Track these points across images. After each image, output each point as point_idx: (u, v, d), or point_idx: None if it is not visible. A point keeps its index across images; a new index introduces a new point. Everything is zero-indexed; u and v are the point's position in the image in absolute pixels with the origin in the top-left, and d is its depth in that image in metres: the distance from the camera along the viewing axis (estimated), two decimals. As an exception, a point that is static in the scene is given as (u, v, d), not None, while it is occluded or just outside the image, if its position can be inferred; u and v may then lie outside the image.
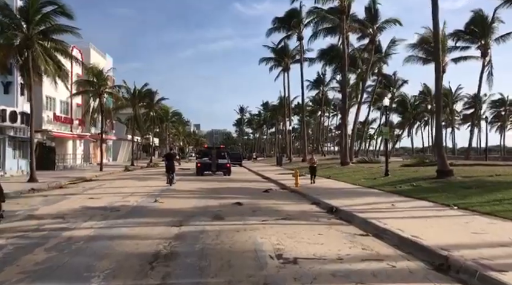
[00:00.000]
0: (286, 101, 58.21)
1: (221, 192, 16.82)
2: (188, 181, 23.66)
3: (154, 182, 22.91)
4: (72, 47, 41.57)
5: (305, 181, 20.63)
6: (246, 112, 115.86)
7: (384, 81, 53.96)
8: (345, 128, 32.36)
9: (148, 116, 60.07)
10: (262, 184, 21.96)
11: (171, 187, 19.33)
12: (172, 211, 11.45)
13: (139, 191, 16.87)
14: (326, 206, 12.35)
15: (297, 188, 18.06)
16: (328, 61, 49.30)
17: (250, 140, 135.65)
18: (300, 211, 11.63)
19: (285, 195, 16.20)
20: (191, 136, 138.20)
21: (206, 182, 23.08)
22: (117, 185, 20.38)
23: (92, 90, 33.69)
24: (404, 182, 17.75)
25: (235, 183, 22.43)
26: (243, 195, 15.87)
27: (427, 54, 34.17)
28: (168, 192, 17.04)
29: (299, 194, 16.48)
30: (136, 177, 26.89)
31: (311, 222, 9.80)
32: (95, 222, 9.39)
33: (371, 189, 17.18)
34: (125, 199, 14.08)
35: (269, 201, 13.76)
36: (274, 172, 31.13)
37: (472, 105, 75.06)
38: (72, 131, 40.44)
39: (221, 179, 25.34)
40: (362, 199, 13.57)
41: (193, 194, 16.53)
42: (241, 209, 11.84)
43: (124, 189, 18.15)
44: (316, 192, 15.81)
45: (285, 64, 51.35)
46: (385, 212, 10.58)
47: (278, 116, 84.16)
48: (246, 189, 18.60)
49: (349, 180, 21.54)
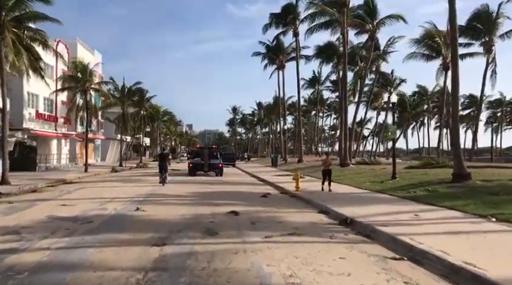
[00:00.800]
0: (281, 101, 56.49)
1: (214, 198, 14.98)
2: (178, 183, 21.77)
3: (141, 184, 20.99)
4: (58, 41, 39.52)
5: (306, 184, 18.85)
6: (238, 111, 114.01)
7: (381, 80, 52.50)
8: (344, 126, 30.67)
9: (139, 115, 58.02)
10: (258, 187, 20.14)
11: (158, 191, 17.45)
12: (156, 222, 9.59)
13: (122, 196, 14.96)
14: (337, 216, 10.58)
15: (298, 193, 16.28)
16: (325, 58, 47.85)
17: (243, 141, 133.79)
18: (308, 223, 9.84)
19: (286, 201, 14.40)
20: (183, 136, 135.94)
21: (198, 184, 21.21)
22: (99, 189, 18.42)
23: (76, 86, 31.56)
24: (417, 186, 16.06)
25: (229, 186, 20.59)
26: (238, 201, 14.04)
27: (431, 50, 32.62)
28: (154, 197, 15.15)
29: (301, 199, 14.69)
30: (122, 179, 24.92)
31: (325, 239, 7.99)
32: (55, 240, 7.50)
33: (381, 194, 15.46)
34: (103, 206, 12.18)
35: (269, 209, 11.95)
36: (270, 174, 29.34)
37: (468, 105, 74.25)
38: (57, 130, 38.30)
39: (214, 181, 23.49)
40: (376, 207, 11.82)
41: (182, 199, 14.66)
42: (238, 220, 10.01)
43: (105, 193, 16.22)
44: (321, 198, 14.05)
45: (279, 62, 49.61)
46: (412, 225, 8.82)
47: (272, 115, 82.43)
48: (241, 194, 16.78)
49: (353, 183, 19.82)
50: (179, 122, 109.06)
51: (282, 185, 20.03)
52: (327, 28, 33.44)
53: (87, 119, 31.71)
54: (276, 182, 22.14)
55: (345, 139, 29.84)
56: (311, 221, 10.06)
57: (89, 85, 31.62)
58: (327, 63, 48.31)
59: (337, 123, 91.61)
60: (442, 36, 30.83)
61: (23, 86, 31.27)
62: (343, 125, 30.93)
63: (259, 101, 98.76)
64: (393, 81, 52.46)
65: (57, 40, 39.18)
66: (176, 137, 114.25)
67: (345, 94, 31.41)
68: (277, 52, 49.03)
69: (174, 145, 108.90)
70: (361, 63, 40.99)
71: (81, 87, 31.43)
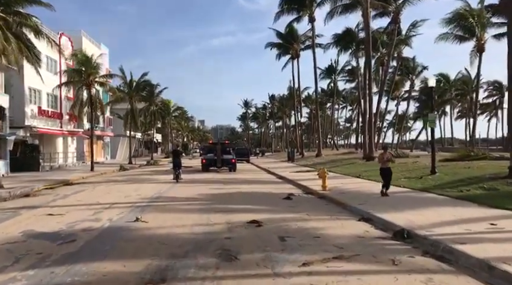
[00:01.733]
0: (296, 92, 54.06)
1: (229, 201, 12.83)
2: (189, 183, 19.68)
3: (148, 185, 18.95)
4: (60, 34, 37.72)
5: (332, 182, 16.56)
6: (251, 105, 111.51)
7: (401, 68, 49.58)
8: (369, 116, 28.18)
9: (149, 111, 56.26)
10: (278, 186, 17.92)
11: (166, 193, 15.37)
12: (157, 239, 7.46)
13: (123, 201, 12.90)
14: (386, 226, 8.35)
15: (326, 193, 14.02)
16: (343, 46, 45.26)
17: (255, 135, 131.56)
18: (352, 237, 7.60)
19: (315, 205, 12.15)
20: (195, 132, 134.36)
21: (210, 184, 19.10)
22: (100, 191, 16.42)
23: (79, 80, 29.63)
24: (467, 183, 13.69)
25: (245, 185, 18.41)
26: (258, 205, 11.88)
27: (464, 31, 29.71)
28: (160, 201, 13.05)
29: (332, 201, 12.42)
30: (128, 179, 22.94)
31: (387, 266, 5.74)
32: (13, 274, 5.41)
33: (426, 193, 13.12)
34: (97, 216, 10.11)
35: (298, 217, 9.73)
36: (288, 170, 27.06)
37: (492, 93, 70.69)
38: (62, 128, 36.58)
39: (228, 180, 21.34)
40: (431, 211, 9.54)
41: (192, 203, 12.52)
42: (261, 234, 7.82)
43: (105, 196, 14.20)
44: (357, 200, 11.79)
45: (294, 51, 47.08)
46: (497, 242, 6.52)
47: (286, 108, 79.98)
48: (260, 195, 14.59)
49: (387, 179, 17.42)
50: (191, 117, 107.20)
51: (305, 183, 17.79)
52: (348, 11, 30.84)
53: (91, 114, 29.83)
54: (297, 179, 19.88)
55: (370, 130, 27.38)
56: (356, 235, 7.81)
57: (93, 78, 29.65)
58: (345, 51, 45.69)
59: (353, 115, 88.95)
60: (476, 15, 27.99)
61: (23, 81, 29.53)
62: (368, 115, 28.44)
63: (272, 93, 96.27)
64: (416, 69, 49.44)
65: (59, 33, 37.48)
66: (188, 133, 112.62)
67: (369, 80, 28.84)
68: (291, 40, 46.48)
69: (186, 141, 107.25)
70: (382, 49, 38.35)
71: (84, 81, 29.45)
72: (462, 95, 63.82)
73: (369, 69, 28.39)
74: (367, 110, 29.47)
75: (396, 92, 53.07)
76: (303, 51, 49.00)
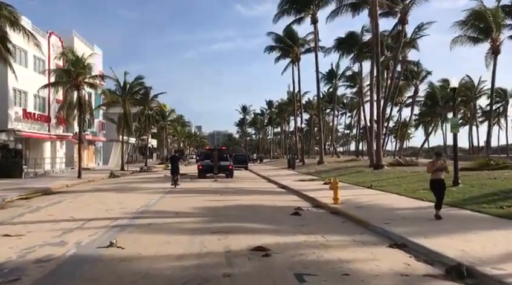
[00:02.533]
0: (296, 96, 52.34)
1: (227, 216, 10.92)
2: (182, 193, 17.74)
3: (136, 195, 16.97)
4: (50, 33, 35.85)
5: (343, 193, 14.64)
6: (249, 111, 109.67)
7: (405, 73, 47.94)
8: (378, 121, 26.35)
9: (143, 115, 54.32)
10: (282, 198, 15.99)
11: (154, 206, 13.43)
12: (130, 279, 5.52)
13: (102, 216, 10.94)
14: (431, 256, 6.48)
15: (339, 207, 12.10)
16: (346, 50, 43.72)
17: (253, 141, 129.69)
18: (394, 276, 5.68)
19: (329, 223, 10.23)
20: (192, 138, 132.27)
21: (205, 194, 17.17)
22: (79, 203, 14.43)
23: (67, 80, 27.68)
24: (504, 198, 11.82)
25: (245, 196, 16.49)
26: (262, 223, 9.97)
27: (479, 31, 27.97)
28: (145, 216, 11.10)
29: (350, 219, 10.50)
30: (116, 188, 20.92)
31: None
32: None
33: (459, 209, 11.21)
34: (63, 238, 8.15)
35: (313, 242, 7.80)
36: (290, 179, 25.13)
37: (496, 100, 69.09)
38: (50, 131, 34.59)
39: (226, 189, 19.42)
40: (480, 235, 7.66)
41: (183, 220, 10.54)
42: (271, 271, 5.90)
43: (82, 211, 12.23)
44: (378, 217, 9.89)
45: (294, 55, 45.34)
46: None
47: (285, 114, 78.24)
48: (263, 209, 12.66)
49: (404, 191, 15.56)
50: (187, 122, 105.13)
51: (312, 194, 15.88)
52: (354, 10, 29.16)
53: (80, 118, 27.83)
54: (302, 189, 17.95)
55: (378, 136, 25.54)
56: (396, 272, 5.89)
57: (82, 79, 27.72)
58: (347, 55, 44.11)
59: (353, 121, 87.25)
60: (492, 15, 26.31)
61: (7, 81, 27.56)
62: (376, 120, 26.68)
63: (269, 99, 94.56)
64: (419, 73, 47.81)
65: (48, 32, 35.63)
66: (184, 139, 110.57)
67: (377, 83, 27.03)
68: (291, 43, 44.76)
69: (182, 147, 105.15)
70: (387, 52, 36.72)
71: (73, 82, 27.51)
72: (466, 102, 62.35)
73: (377, 71, 26.62)
74: (373, 115, 27.76)
75: (399, 98, 51.40)
76: (303, 54, 47.34)
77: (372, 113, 28.37)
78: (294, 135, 62.73)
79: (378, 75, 27.25)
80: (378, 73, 28.04)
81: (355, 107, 77.43)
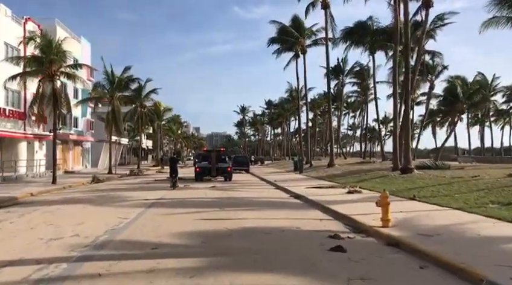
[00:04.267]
0: (300, 92, 48.52)
1: (230, 250, 7.00)
2: (168, 208, 13.73)
3: (109, 210, 12.94)
4: (26, 19, 31.80)
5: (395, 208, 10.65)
6: (248, 111, 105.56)
7: (420, 68, 43.94)
8: (406, 117, 22.37)
9: (136, 113, 50.32)
10: (301, 214, 11.94)
11: (130, 227, 9.42)
12: None
13: (33, 254, 6.94)
14: None
15: (396, 235, 8.09)
16: (355, 42, 39.80)
17: (252, 143, 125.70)
18: None
19: (402, 271, 6.19)
20: (190, 139, 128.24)
21: (199, 208, 13.17)
22: (20, 225, 10.32)
23: (38, 69, 23.63)
24: None
25: (253, 211, 12.52)
26: (285, 267, 6.00)
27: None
28: (101, 257, 7.07)
29: (428, 259, 6.51)
30: (91, 198, 16.88)
31: None
32: None
33: None
34: None
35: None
36: (302, 185, 21.12)
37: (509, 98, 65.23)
38: (26, 130, 30.54)
39: (226, 200, 15.44)
40: None
41: (160, 268, 6.49)
42: None
43: (12, 241, 8.25)
44: (482, 257, 5.95)
45: (300, 47, 41.34)
46: None
47: (287, 113, 74.31)
48: (281, 236, 8.64)
49: (466, 206, 11.53)
50: (184, 122, 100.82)
51: (340, 208, 11.92)
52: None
53: (54, 113, 23.77)
54: (324, 200, 13.95)
55: (406, 134, 21.59)
56: None
57: (57, 68, 23.67)
58: (356, 47, 40.17)
59: (357, 121, 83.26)
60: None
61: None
62: (403, 115, 22.84)
63: (269, 99, 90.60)
64: (435, 68, 43.87)
65: (25, 17, 31.62)
66: (182, 140, 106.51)
67: (407, 69, 23.12)
68: (297, 34, 40.80)
69: (179, 148, 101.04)
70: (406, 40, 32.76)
71: (46, 71, 23.47)
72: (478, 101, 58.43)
73: (406, 57, 22.71)
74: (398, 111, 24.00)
75: (413, 95, 47.40)
76: (309, 47, 43.32)
77: (397, 110, 24.62)
78: (298, 135, 58.75)
79: (408, 66, 23.38)
80: (407, 63, 24.44)
81: (357, 107, 73.51)
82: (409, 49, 26.48)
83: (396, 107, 25.15)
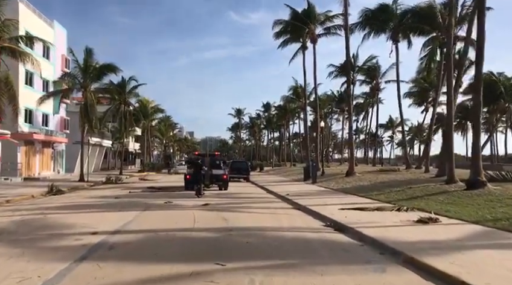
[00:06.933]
0: (305, 89, 42.80)
1: None
2: (118, 262, 7.66)
3: (48, 246, 6.82)
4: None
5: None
6: (243, 114, 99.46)
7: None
8: (477, 114, 16.47)
9: (118, 112, 44.27)
10: (373, 281, 5.91)
11: None
12: None
13: None
14: None
15: None
16: (376, 29, 34.27)
17: (247, 147, 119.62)
18: None
19: None
20: (183, 142, 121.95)
21: (178, 260, 7.02)
22: None
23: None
24: None
25: (277, 265, 6.42)
26: None
27: None
28: None
29: None
30: (31, 221, 10.79)
31: None
32: None
33: None
34: None
35: None
36: (330, 203, 15.02)
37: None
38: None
39: (227, 239, 9.36)
40: None
41: None
42: None
43: None
44: None
45: (311, 34, 35.66)
46: None
47: (289, 114, 68.42)
48: None
49: None
50: (176, 124, 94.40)
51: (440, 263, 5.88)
52: None
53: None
54: (402, 242, 7.88)
55: (478, 137, 15.67)
56: None
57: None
58: (377, 34, 34.61)
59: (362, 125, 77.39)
60: None
61: None
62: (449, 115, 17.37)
63: (267, 101, 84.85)
64: (463, 63, 38.20)
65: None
66: (173, 143, 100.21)
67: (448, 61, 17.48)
68: (307, 20, 35.11)
69: (170, 152, 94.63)
70: (444, 24, 27.28)
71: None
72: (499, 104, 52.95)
73: (448, 46, 16.92)
74: (451, 109, 18.55)
75: (456, 93, 41.78)
76: (319, 37, 37.67)
77: (451, 106, 19.19)
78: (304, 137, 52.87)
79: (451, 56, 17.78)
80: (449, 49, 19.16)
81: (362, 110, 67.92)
82: (452, 32, 21.99)
83: (450, 104, 19.64)
